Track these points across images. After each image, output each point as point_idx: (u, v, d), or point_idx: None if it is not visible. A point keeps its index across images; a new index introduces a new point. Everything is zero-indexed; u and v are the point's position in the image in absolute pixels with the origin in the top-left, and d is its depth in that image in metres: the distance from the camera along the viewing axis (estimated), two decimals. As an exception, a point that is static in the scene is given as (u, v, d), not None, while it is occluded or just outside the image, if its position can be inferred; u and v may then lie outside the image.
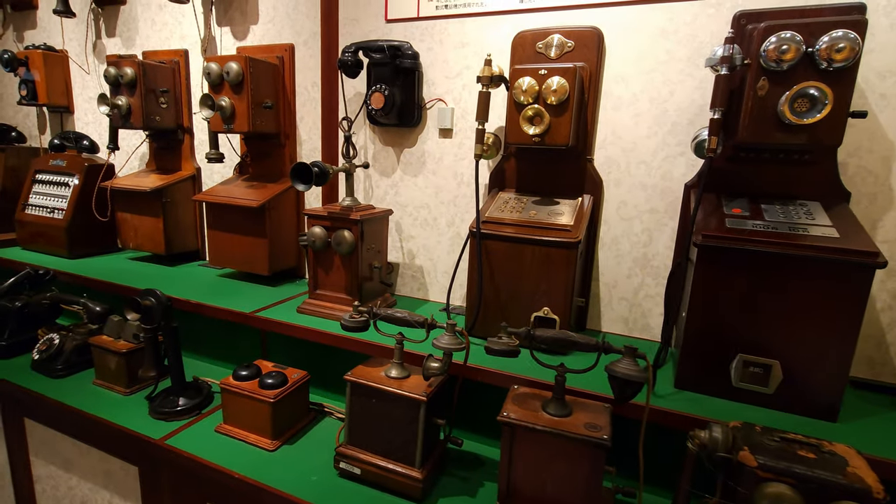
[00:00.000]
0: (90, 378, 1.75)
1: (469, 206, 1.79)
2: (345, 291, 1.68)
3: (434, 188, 1.84)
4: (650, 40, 1.46)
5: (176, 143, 2.31)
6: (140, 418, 1.53)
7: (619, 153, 1.55)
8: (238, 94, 1.86)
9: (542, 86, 1.42)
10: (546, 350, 1.38)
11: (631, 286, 1.61)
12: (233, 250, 2.01)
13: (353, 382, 1.25)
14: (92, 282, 2.01)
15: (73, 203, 2.28)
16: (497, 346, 1.09)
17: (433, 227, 1.87)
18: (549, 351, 1.40)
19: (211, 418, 1.54)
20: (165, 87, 2.17)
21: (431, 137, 1.81)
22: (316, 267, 1.70)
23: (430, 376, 1.22)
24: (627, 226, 1.58)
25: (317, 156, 2.04)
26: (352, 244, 1.59)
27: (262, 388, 1.41)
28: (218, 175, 2.29)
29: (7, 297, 1.93)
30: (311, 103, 2.01)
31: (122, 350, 1.63)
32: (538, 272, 1.43)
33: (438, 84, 1.77)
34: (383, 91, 1.69)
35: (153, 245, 2.23)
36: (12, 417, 1.78)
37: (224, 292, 1.90)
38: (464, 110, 1.74)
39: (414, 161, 1.86)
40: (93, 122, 2.61)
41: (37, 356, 1.76)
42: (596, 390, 1.22)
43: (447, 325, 1.19)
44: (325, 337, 1.53)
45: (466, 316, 1.56)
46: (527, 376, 1.26)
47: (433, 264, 1.90)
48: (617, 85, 1.52)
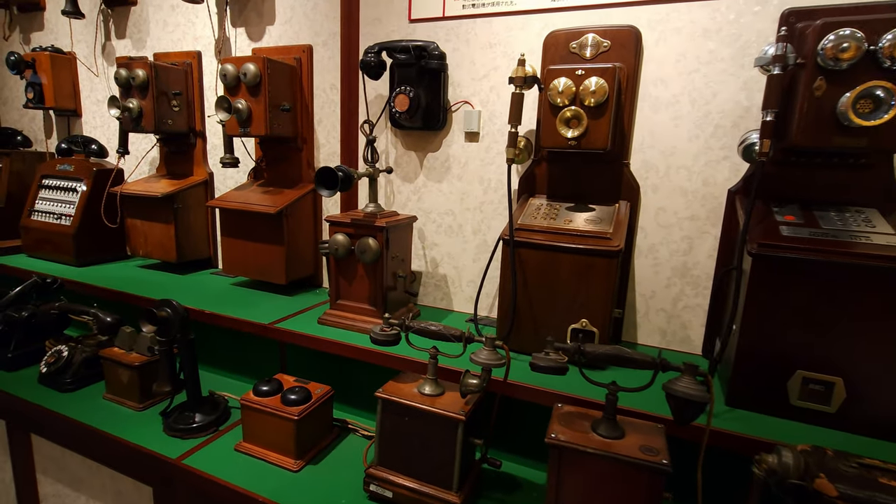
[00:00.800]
0: (100, 392, 1.67)
1: (496, 213, 1.72)
2: (368, 302, 1.60)
3: (459, 194, 1.77)
4: (691, 40, 1.40)
5: (188, 147, 2.25)
6: (154, 435, 1.45)
7: (657, 157, 1.49)
8: (255, 97, 1.79)
9: (579, 87, 1.35)
10: (587, 365, 1.31)
11: (669, 296, 1.53)
12: (248, 258, 1.94)
13: (385, 400, 1.18)
14: (101, 290, 1.93)
15: (81, 209, 2.21)
16: (544, 363, 1.01)
17: (458, 234, 1.80)
18: (590, 366, 1.33)
19: (229, 436, 1.46)
20: (178, 90, 2.10)
21: (457, 141, 1.75)
22: (338, 276, 1.63)
23: (468, 393, 1.15)
24: (666, 233, 1.51)
25: (335, 160, 1.97)
26: (376, 252, 1.52)
27: (285, 405, 1.34)
28: (231, 180, 2.22)
29: (13, 307, 1.85)
30: (329, 106, 1.94)
31: (134, 363, 1.55)
32: (576, 282, 1.36)
33: (464, 86, 1.70)
34: (408, 93, 1.62)
35: (164, 252, 2.16)
36: (18, 433, 1.70)
37: (239, 302, 1.82)
38: (491, 113, 1.68)
39: (438, 166, 1.79)
40: (101, 125, 2.54)
41: (44, 369, 1.68)
42: (644, 408, 1.14)
43: (486, 339, 1.12)
44: (351, 350, 1.46)
45: (498, 327, 1.49)
46: (571, 394, 1.19)
47: (458, 273, 1.83)
48: (655, 86, 1.46)
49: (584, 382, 1.07)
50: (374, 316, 1.59)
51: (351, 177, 1.45)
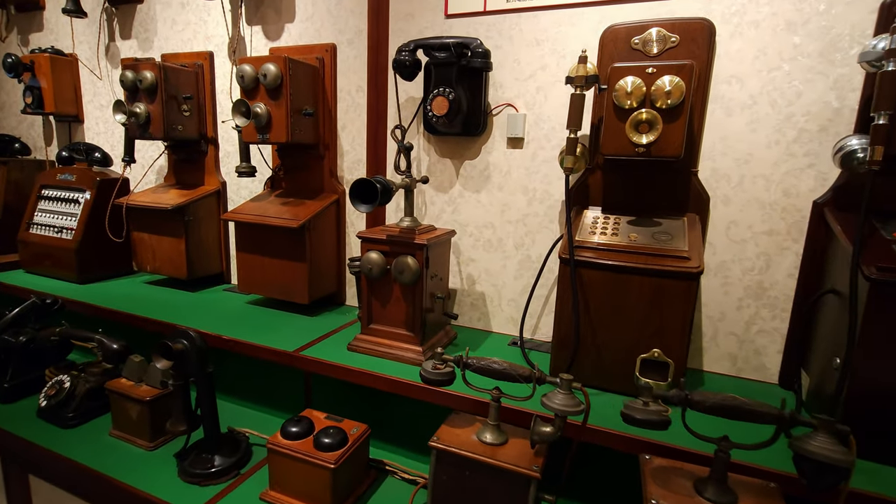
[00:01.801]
0: (105, 427, 1.51)
1: (541, 227, 1.57)
2: (405, 326, 1.44)
3: (500, 205, 1.62)
4: (773, 33, 1.25)
5: (198, 154, 2.09)
6: (168, 481, 1.29)
7: (730, 165, 1.33)
8: (275, 100, 1.63)
9: (650, 87, 1.20)
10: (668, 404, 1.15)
11: (741, 319, 1.38)
12: (266, 275, 1.78)
13: (441, 450, 1.02)
14: (105, 312, 1.77)
15: (84, 222, 2.05)
16: (642, 416, 0.85)
17: (498, 249, 1.64)
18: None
19: (253, 481, 1.30)
20: (188, 93, 1.95)
21: (498, 148, 1.59)
22: (370, 298, 1.47)
23: (541, 443, 0.99)
24: (739, 249, 1.35)
25: (361, 169, 1.81)
26: (416, 272, 1.36)
27: (319, 450, 1.17)
28: (246, 190, 2.06)
29: (10, 331, 1.69)
30: (354, 110, 1.79)
31: (145, 398, 1.39)
32: (647, 307, 1.20)
33: (507, 87, 1.55)
34: (447, 95, 1.47)
35: (173, 268, 1.99)
36: (15, 473, 1.54)
37: (257, 324, 1.66)
38: (537, 117, 1.52)
39: (476, 175, 1.64)
40: (104, 132, 2.38)
41: (44, 402, 1.52)
42: (749, 459, 0.98)
43: (561, 381, 0.96)
44: (392, 385, 1.29)
45: (553, 357, 1.33)
46: (659, 440, 1.02)
47: (497, 291, 1.67)
48: (729, 86, 1.30)
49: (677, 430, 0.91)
50: (410, 342, 1.43)
51: (390, 189, 1.30)
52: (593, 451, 1.14)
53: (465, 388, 1.10)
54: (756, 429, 1.02)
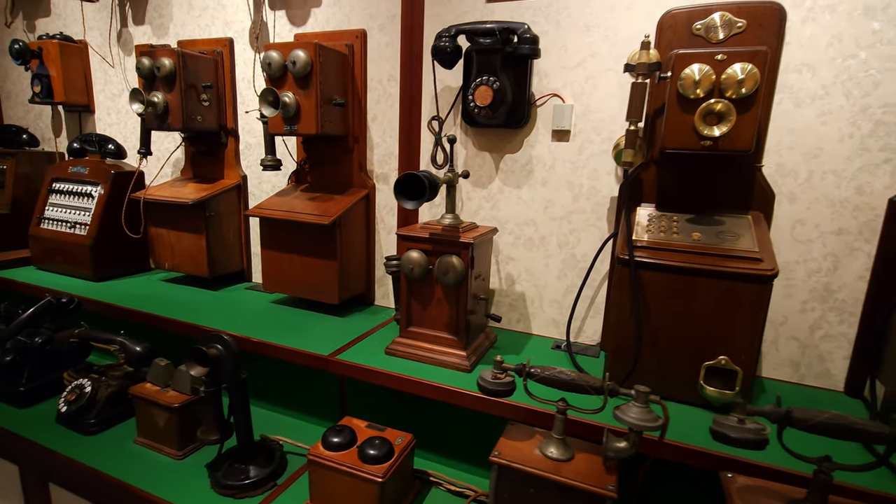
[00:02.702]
0: (129, 434, 1.43)
1: (587, 224, 1.49)
2: (447, 330, 1.36)
3: (543, 202, 1.54)
4: (849, 19, 1.16)
5: (218, 146, 2.00)
6: (200, 493, 1.22)
7: (797, 160, 1.25)
8: (304, 89, 1.54)
9: (719, 75, 1.11)
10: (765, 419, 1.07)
11: (805, 323, 1.30)
12: (294, 274, 1.70)
13: (503, 466, 0.95)
14: (124, 311, 1.69)
15: (99, 216, 1.96)
16: (737, 434, 0.78)
17: (540, 247, 1.57)
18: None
19: (290, 494, 1.22)
20: (208, 82, 1.85)
21: (542, 140, 1.51)
22: (410, 299, 1.39)
23: (613, 459, 0.92)
24: (804, 249, 1.28)
25: (392, 162, 1.73)
26: (461, 273, 1.28)
27: (365, 462, 1.10)
28: (268, 184, 1.98)
29: (24, 332, 1.61)
30: (386, 100, 1.70)
31: (173, 404, 1.31)
32: (714, 311, 1.13)
33: (553, 76, 1.46)
34: (492, 84, 1.38)
35: (193, 266, 1.91)
36: (34, 483, 1.46)
37: (286, 325, 1.58)
38: (586, 108, 1.43)
39: (517, 169, 1.55)
40: (117, 122, 2.29)
41: (64, 408, 1.44)
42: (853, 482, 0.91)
43: (637, 394, 0.88)
44: (440, 392, 1.22)
45: (610, 364, 1.25)
46: (741, 457, 0.95)
47: (538, 291, 1.60)
48: (799, 75, 1.22)
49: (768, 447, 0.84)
50: (454, 346, 1.35)
51: (437, 184, 1.21)
52: (660, 467, 1.07)
53: (524, 398, 1.03)
54: (849, 446, 0.96)
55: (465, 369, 1.31)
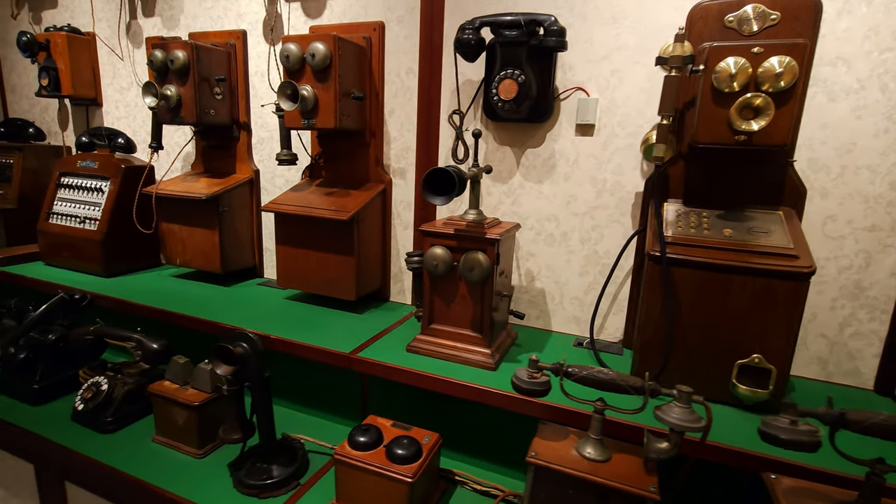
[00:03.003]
0: (146, 432, 1.41)
1: (611, 220, 1.47)
2: (470, 327, 1.34)
3: (565, 197, 1.51)
4: (886, 11, 1.14)
5: (230, 140, 1.97)
6: (222, 492, 1.19)
7: (829, 155, 1.23)
8: (323, 83, 1.52)
9: (756, 68, 1.09)
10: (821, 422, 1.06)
11: (834, 321, 1.29)
12: (309, 270, 1.67)
13: (541, 467, 0.93)
14: (139, 308, 1.66)
15: (109, 211, 1.93)
16: (788, 436, 0.76)
17: (562, 243, 1.54)
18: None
19: (315, 493, 1.21)
20: (221, 75, 1.82)
21: (565, 135, 1.48)
22: (433, 296, 1.37)
23: (654, 459, 0.90)
24: (835, 246, 1.26)
25: (410, 157, 1.70)
26: (487, 270, 1.26)
27: (393, 462, 1.08)
28: (281, 179, 1.95)
29: (37, 329, 1.58)
30: (404, 94, 1.67)
31: (193, 402, 1.29)
32: (748, 309, 1.11)
33: (578, 69, 1.43)
34: (516, 78, 1.35)
35: (206, 261, 1.89)
36: (50, 482, 1.44)
37: (303, 322, 1.56)
38: (611, 102, 1.41)
39: (539, 164, 1.53)
40: (125, 116, 2.25)
41: (81, 406, 1.42)
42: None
43: (678, 394, 0.87)
44: (467, 391, 1.20)
45: (638, 361, 1.23)
46: (792, 460, 0.93)
47: (558, 288, 1.58)
48: (834, 69, 1.20)
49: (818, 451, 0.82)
50: (478, 344, 1.33)
51: (465, 180, 1.19)
52: (693, 467, 1.05)
53: (558, 398, 1.01)
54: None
55: (490, 367, 1.29)
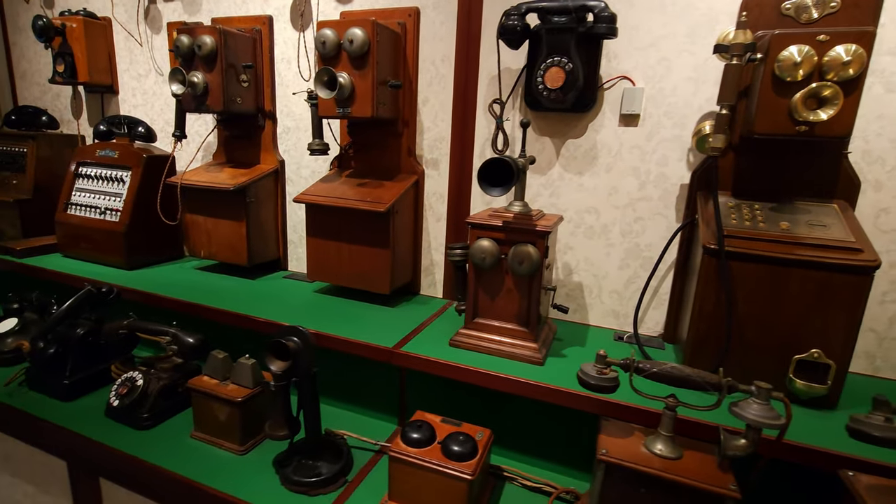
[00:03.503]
0: (182, 428, 1.38)
1: (654, 212, 1.44)
2: (516, 321, 1.32)
3: (606, 189, 1.49)
4: (951, -1, 1.12)
5: (255, 130, 1.92)
6: (269, 489, 1.17)
7: (885, 147, 1.21)
8: (360, 70, 1.48)
9: (821, 57, 1.07)
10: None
11: (884, 315, 1.28)
12: (341, 263, 1.64)
13: (613, 464, 0.91)
14: (167, 301, 1.63)
15: (132, 202, 1.89)
16: (881, 433, 0.75)
17: (602, 236, 1.52)
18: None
19: (364, 490, 1.19)
20: (248, 62, 1.77)
21: (608, 125, 1.45)
22: (477, 290, 1.34)
23: (731, 457, 0.88)
24: (888, 240, 1.25)
25: (444, 147, 1.67)
26: (536, 263, 1.23)
27: (450, 458, 1.06)
28: (306, 170, 1.91)
29: (65, 323, 1.54)
30: (439, 82, 1.63)
31: (236, 398, 1.26)
32: (809, 303, 1.09)
33: (623, 57, 1.40)
34: (564, 66, 1.32)
35: (232, 253, 1.85)
36: (84, 478, 1.41)
37: (338, 316, 1.54)
38: (658, 91, 1.38)
39: (580, 155, 1.50)
40: (142, 104, 2.20)
41: (116, 401, 1.38)
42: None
43: (758, 390, 0.85)
44: (520, 387, 1.18)
45: (689, 354, 1.22)
46: (858, 455, 0.92)
47: (597, 281, 1.56)
48: (894, 58, 1.18)
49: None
50: (524, 338, 1.31)
51: (520, 171, 1.16)
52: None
53: (627, 394, 0.99)
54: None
55: (538, 362, 1.28)
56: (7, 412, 1.46)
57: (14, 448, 1.54)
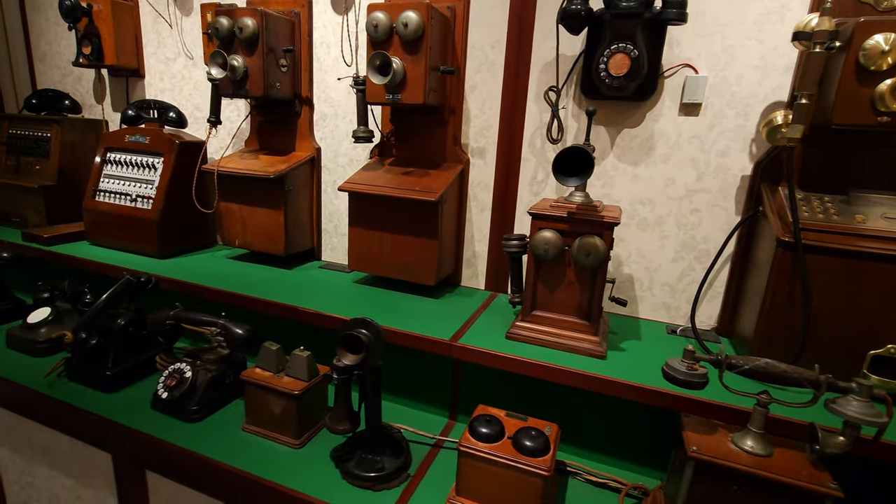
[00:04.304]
0: (232, 420, 1.36)
1: (712, 204, 1.42)
2: (576, 313, 1.30)
3: (662, 180, 1.46)
4: None
5: (291, 116, 1.87)
6: (330, 483, 1.15)
7: (961, 139, 1.19)
8: (413, 55, 1.43)
9: (909, 45, 1.04)
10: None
11: (950, 310, 1.26)
12: (384, 253, 1.61)
13: (704, 462, 0.89)
14: (207, 291, 1.59)
15: (165, 189, 1.84)
16: None
17: (655, 228, 1.50)
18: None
19: (428, 485, 1.17)
20: (289, 45, 1.72)
21: (667, 114, 1.42)
22: (536, 282, 1.32)
23: (827, 455, 0.87)
24: (959, 234, 1.22)
25: (491, 136, 1.63)
26: (603, 255, 1.21)
27: (523, 454, 1.04)
28: (344, 158, 1.87)
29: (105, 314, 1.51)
30: (488, 68, 1.59)
31: (293, 391, 1.24)
32: (886, 298, 1.07)
33: (685, 44, 1.37)
34: (630, 52, 1.28)
35: (268, 243, 1.81)
36: (129, 471, 1.39)
37: (382, 306, 1.51)
38: (722, 79, 1.35)
39: (636, 145, 1.47)
40: (169, 88, 2.14)
41: (165, 394, 1.35)
42: None
43: (858, 386, 0.83)
44: (593, 382, 1.16)
45: (758, 349, 1.20)
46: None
47: (648, 274, 1.53)
48: (975, 48, 1.14)
49: None
50: (585, 331, 1.29)
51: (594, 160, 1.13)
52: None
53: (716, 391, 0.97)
54: None
55: (600, 355, 1.26)
56: (48, 404, 1.42)
57: (53, 440, 1.51)
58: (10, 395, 1.51)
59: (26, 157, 2.17)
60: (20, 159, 2.21)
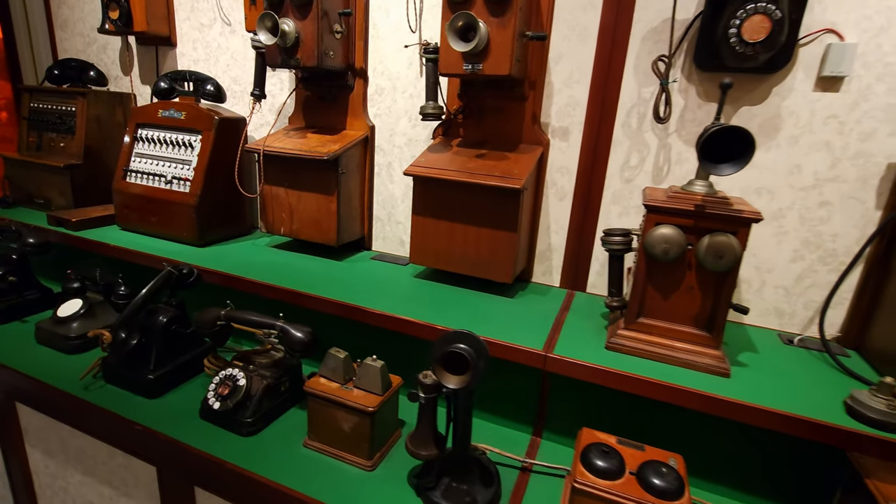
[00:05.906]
0: (290, 435, 1.20)
1: (847, 197, 1.22)
2: (694, 323, 1.11)
3: (786, 166, 1.26)
4: None
5: (342, 90, 1.68)
6: (414, 517, 0.99)
7: None
8: (499, 17, 1.22)
9: None
10: None
11: None
12: (453, 246, 1.43)
13: (910, 524, 0.71)
14: (263, 287, 1.42)
15: (203, 171, 1.66)
16: None
17: (772, 222, 1.30)
18: None
19: (528, 521, 1.00)
20: (346, 8, 1.52)
21: (798, 89, 1.21)
22: (647, 285, 1.13)
23: None
24: None
25: (578, 114, 1.43)
26: (738, 257, 1.02)
27: (653, 494, 0.87)
28: (401, 137, 1.67)
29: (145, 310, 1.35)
30: (576, 35, 1.38)
31: (368, 408, 1.07)
32: None
33: (829, 5, 1.15)
34: (771, 14, 1.07)
35: (317, 232, 1.63)
36: (176, 486, 1.24)
37: (457, 308, 1.34)
38: (874, 48, 1.13)
39: (755, 126, 1.26)
40: (204, 59, 1.94)
41: (217, 404, 1.19)
42: None
43: None
44: (744, 412, 0.97)
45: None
46: None
47: (759, 275, 1.34)
48: None
49: None
50: (704, 344, 1.10)
51: (747, 142, 0.93)
52: None
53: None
54: None
55: (724, 373, 1.07)
56: (86, 409, 1.28)
57: (90, 445, 1.38)
58: (42, 395, 1.37)
59: (49, 133, 2.00)
60: (42, 135, 2.04)
